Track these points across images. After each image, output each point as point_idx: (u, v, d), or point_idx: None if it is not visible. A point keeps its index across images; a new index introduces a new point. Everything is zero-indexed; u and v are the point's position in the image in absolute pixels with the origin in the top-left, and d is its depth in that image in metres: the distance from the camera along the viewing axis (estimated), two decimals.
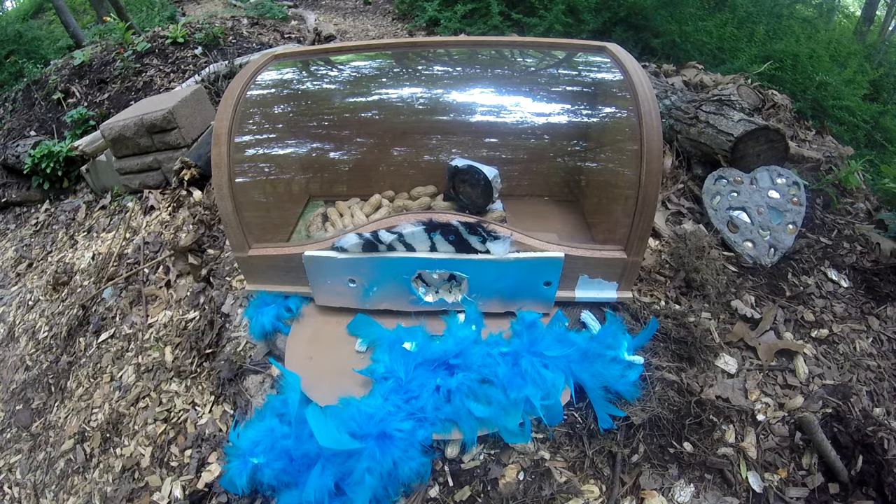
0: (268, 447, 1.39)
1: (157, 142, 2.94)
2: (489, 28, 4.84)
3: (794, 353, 1.67)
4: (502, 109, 2.06)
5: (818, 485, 1.39)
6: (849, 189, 2.34)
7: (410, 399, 1.40)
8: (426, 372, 1.46)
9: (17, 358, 2.66)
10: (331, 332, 1.71)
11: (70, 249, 3.11)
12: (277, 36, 5.03)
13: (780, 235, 1.98)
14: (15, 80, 5.93)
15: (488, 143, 2.11)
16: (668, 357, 1.61)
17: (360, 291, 1.66)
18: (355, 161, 2.19)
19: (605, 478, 1.39)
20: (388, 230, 1.53)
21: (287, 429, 1.41)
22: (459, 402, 1.39)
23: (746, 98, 2.65)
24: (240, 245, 1.64)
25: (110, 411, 2.04)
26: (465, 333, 1.54)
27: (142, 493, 1.70)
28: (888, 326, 1.81)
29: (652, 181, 1.41)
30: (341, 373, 1.56)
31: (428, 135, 2.12)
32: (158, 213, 2.85)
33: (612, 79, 1.75)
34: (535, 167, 2.15)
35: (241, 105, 1.63)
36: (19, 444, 2.20)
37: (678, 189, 2.25)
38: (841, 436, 1.44)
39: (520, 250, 1.53)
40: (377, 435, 1.32)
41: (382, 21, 6.31)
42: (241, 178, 1.67)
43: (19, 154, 3.67)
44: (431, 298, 1.67)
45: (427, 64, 2.04)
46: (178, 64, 4.11)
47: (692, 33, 4.35)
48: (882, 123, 4.17)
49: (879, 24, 8.71)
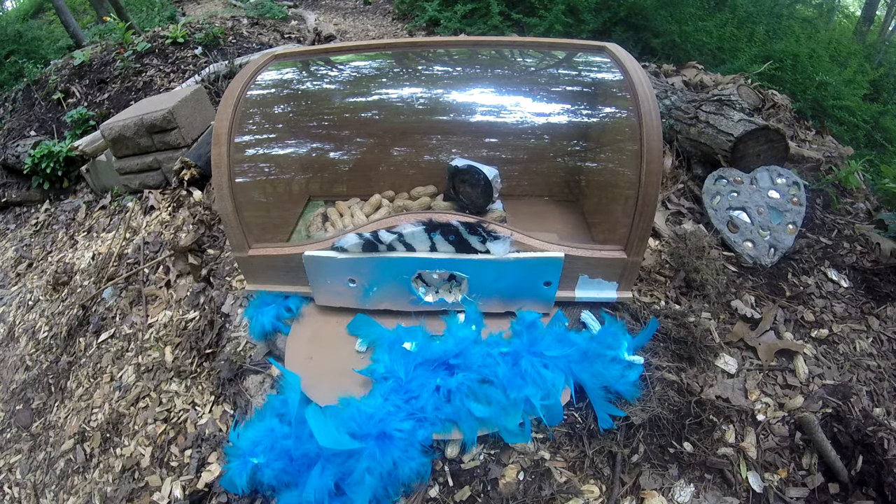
0: (268, 447, 1.39)
1: (157, 142, 2.95)
2: (489, 28, 4.84)
3: (794, 353, 1.67)
4: (502, 109, 2.06)
5: (818, 485, 1.39)
6: (849, 189, 2.34)
7: (410, 399, 1.40)
8: (426, 372, 1.46)
9: (17, 358, 2.66)
10: (331, 332, 1.70)
11: (70, 249, 3.11)
12: (277, 36, 5.03)
13: (780, 235, 1.98)
14: (15, 80, 5.93)
15: (488, 143, 2.11)
16: (668, 357, 1.61)
17: (360, 291, 1.66)
18: (355, 161, 2.19)
19: (605, 478, 1.39)
20: (388, 230, 1.53)
21: (287, 429, 1.40)
22: (459, 402, 1.39)
23: (746, 98, 2.65)
24: (240, 245, 1.64)
25: (110, 411, 2.04)
26: (464, 333, 1.54)
27: (142, 493, 1.70)
28: (888, 326, 1.81)
29: (652, 181, 1.41)
30: (341, 373, 1.56)
31: (428, 135, 2.12)
32: (158, 213, 2.85)
33: (612, 79, 1.75)
34: (535, 167, 2.15)
35: (241, 105, 1.63)
36: (19, 444, 2.20)
37: (678, 189, 2.25)
38: (841, 436, 1.44)
39: (520, 250, 1.53)
40: (377, 435, 1.32)
41: (382, 21, 6.31)
42: (241, 178, 1.67)
43: (19, 154, 3.67)
44: (431, 298, 1.67)
45: (427, 64, 2.04)
46: (178, 64, 4.11)
47: (692, 33, 4.35)
48: (882, 123, 4.17)
49: (879, 24, 8.71)
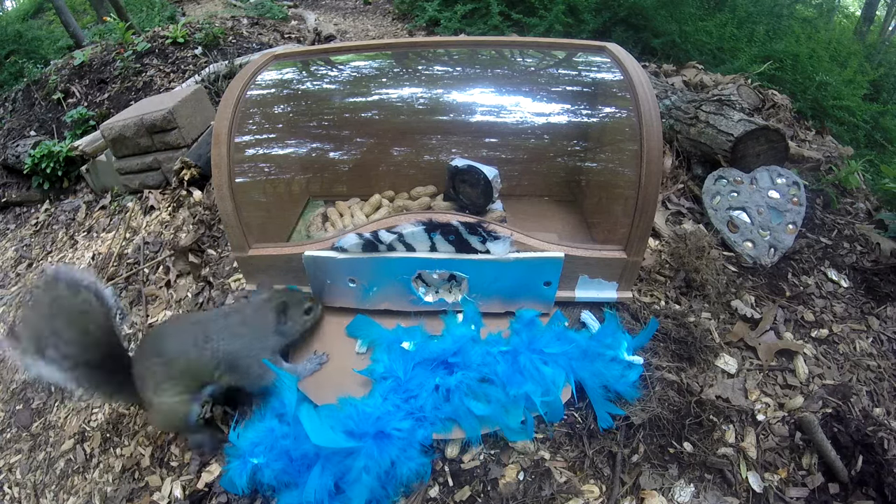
0: (267, 447, 1.38)
1: (157, 142, 2.94)
2: (489, 28, 4.84)
3: (794, 353, 1.67)
4: (502, 109, 2.06)
5: (818, 485, 1.39)
6: (849, 189, 2.34)
7: (409, 398, 1.40)
8: (425, 371, 1.46)
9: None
10: (330, 331, 1.70)
11: (70, 249, 3.11)
12: (277, 36, 5.03)
13: (780, 235, 1.98)
14: (15, 80, 5.93)
15: (488, 143, 2.11)
16: (668, 357, 1.61)
17: (360, 291, 1.66)
18: (355, 161, 2.19)
19: (605, 478, 1.39)
20: (388, 230, 1.53)
21: (287, 428, 1.40)
22: (459, 401, 1.39)
23: (746, 98, 2.66)
24: (240, 245, 1.64)
25: (110, 411, 2.04)
26: (463, 332, 1.54)
27: (142, 493, 1.70)
28: (888, 326, 1.81)
29: (652, 181, 1.41)
30: (341, 372, 1.56)
31: (428, 135, 2.12)
32: (158, 213, 2.85)
33: (612, 79, 1.75)
34: (535, 167, 2.15)
35: (241, 105, 1.63)
36: (19, 444, 2.20)
37: (678, 189, 2.25)
38: (841, 436, 1.44)
39: (520, 250, 1.53)
40: (375, 434, 1.31)
41: (382, 21, 6.31)
42: (241, 178, 1.67)
43: (19, 154, 3.67)
44: (431, 298, 1.67)
45: (427, 64, 2.04)
46: (178, 64, 4.11)
47: (692, 33, 4.34)
48: (882, 123, 4.16)
49: (879, 24, 8.71)
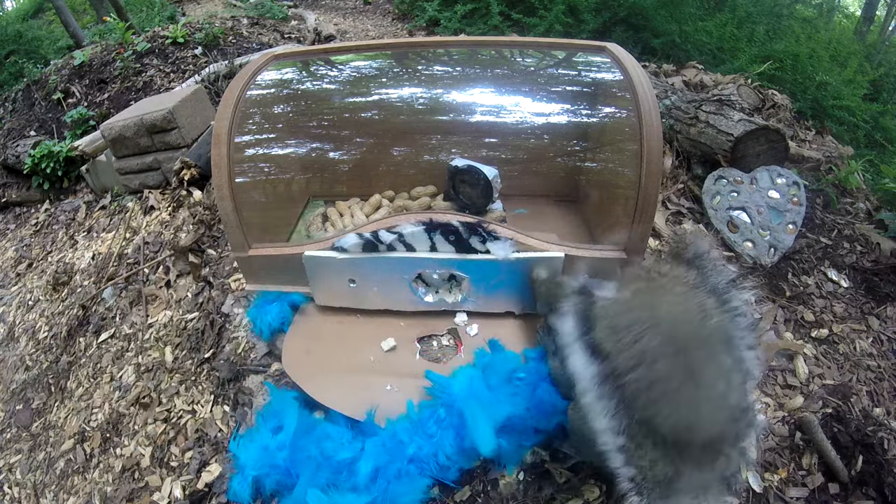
0: (266, 464, 1.39)
1: (157, 142, 2.94)
2: (489, 28, 4.83)
3: (794, 353, 1.67)
4: (502, 109, 2.06)
5: (818, 485, 1.39)
6: (849, 189, 2.34)
7: None
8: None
9: (17, 358, 2.66)
10: (330, 329, 1.71)
11: (70, 249, 3.11)
12: (277, 36, 5.03)
13: (780, 235, 1.98)
14: (15, 80, 5.91)
15: (488, 143, 2.11)
16: None
17: (361, 291, 1.67)
18: (355, 161, 2.19)
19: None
20: (388, 230, 1.53)
21: (283, 437, 1.42)
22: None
23: (746, 98, 2.66)
24: (240, 245, 1.64)
25: (110, 411, 2.04)
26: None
27: (142, 493, 1.70)
28: (888, 326, 1.81)
29: (652, 181, 1.41)
30: (338, 368, 1.57)
31: (428, 135, 2.12)
32: (158, 213, 2.85)
33: (612, 79, 1.75)
34: (535, 167, 2.15)
35: (241, 105, 1.63)
36: (19, 444, 2.20)
37: (678, 189, 2.25)
38: (841, 436, 1.44)
39: (520, 250, 1.53)
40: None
41: (382, 21, 6.30)
42: (241, 178, 1.67)
43: (19, 154, 3.67)
44: (431, 298, 1.67)
45: (427, 64, 2.04)
46: (178, 64, 4.11)
47: (692, 33, 4.34)
48: (882, 123, 4.15)
49: (879, 24, 8.70)
